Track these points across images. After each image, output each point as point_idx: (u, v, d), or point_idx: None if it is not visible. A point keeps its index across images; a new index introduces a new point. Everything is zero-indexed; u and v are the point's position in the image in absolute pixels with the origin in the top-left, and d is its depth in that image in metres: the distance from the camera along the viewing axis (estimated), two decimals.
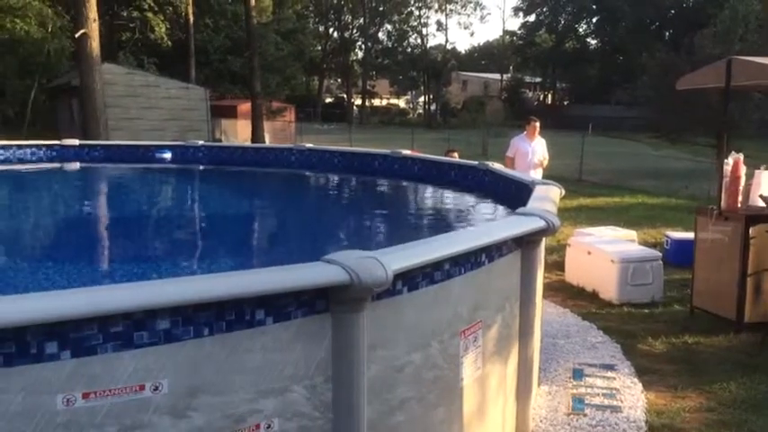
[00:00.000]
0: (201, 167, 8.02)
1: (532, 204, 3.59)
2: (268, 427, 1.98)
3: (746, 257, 5.12)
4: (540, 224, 3.18)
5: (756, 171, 5.44)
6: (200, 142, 8.56)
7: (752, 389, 4.07)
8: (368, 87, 55.06)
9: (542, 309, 4.49)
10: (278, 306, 1.99)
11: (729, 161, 5.39)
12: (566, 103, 51.54)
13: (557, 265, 7.09)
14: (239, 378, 1.92)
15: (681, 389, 4.07)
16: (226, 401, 1.90)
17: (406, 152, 7.18)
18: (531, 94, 54.79)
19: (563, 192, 4.40)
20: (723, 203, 5.35)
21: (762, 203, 5.16)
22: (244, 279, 1.94)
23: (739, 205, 5.36)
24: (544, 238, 3.84)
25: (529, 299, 3.39)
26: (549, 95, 55.64)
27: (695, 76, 6.12)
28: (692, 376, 4.28)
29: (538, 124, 8.47)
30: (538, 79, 54.77)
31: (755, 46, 19.31)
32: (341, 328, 2.13)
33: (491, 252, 2.92)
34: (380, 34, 56.99)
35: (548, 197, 3.91)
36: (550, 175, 15.05)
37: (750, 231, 5.12)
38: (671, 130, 20.57)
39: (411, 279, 2.41)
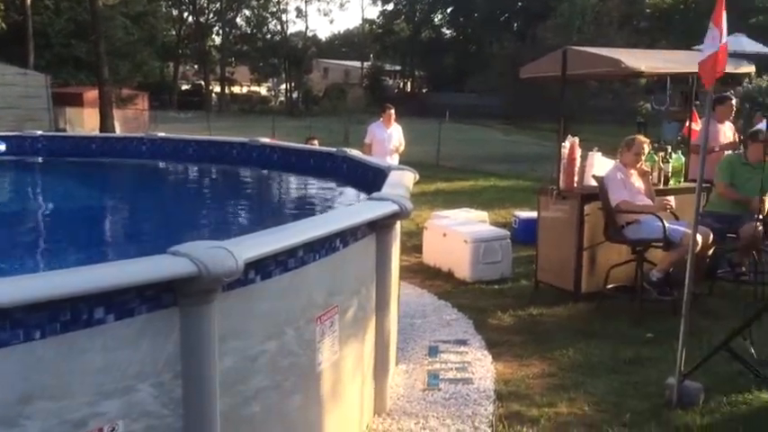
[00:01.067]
0: (41, 159, 7.45)
1: (386, 190, 3.69)
2: (112, 430, 1.90)
3: (582, 233, 5.57)
4: (393, 208, 3.28)
5: (589, 153, 5.91)
6: (39, 132, 7.95)
7: (587, 353, 4.46)
8: (227, 74, 53.55)
9: (399, 290, 4.64)
10: (119, 303, 1.91)
11: (566, 144, 5.81)
12: (424, 90, 53.03)
13: (415, 248, 7.33)
14: (78, 381, 1.83)
15: (526, 357, 4.38)
16: (63, 406, 1.80)
17: (265, 140, 7.10)
18: (391, 82, 55.84)
19: (417, 177, 4.55)
20: (561, 184, 5.78)
21: (594, 183, 5.62)
22: (78, 276, 1.84)
23: (575, 185, 5.81)
24: (399, 222, 3.96)
25: (384, 282, 3.49)
26: (409, 83, 56.97)
27: (536, 65, 6.53)
28: (536, 345, 4.61)
29: (393, 111, 8.74)
30: (398, 67, 55.92)
31: (591, 37, 20.91)
32: (190, 322, 2.09)
33: (345, 237, 2.97)
34: (239, 19, 55.57)
35: (401, 182, 4.03)
36: (410, 161, 15.33)
37: (585, 209, 5.57)
38: (519, 116, 21.84)
39: (264, 268, 2.40)
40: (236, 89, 57.73)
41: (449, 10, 49.85)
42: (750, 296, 5.50)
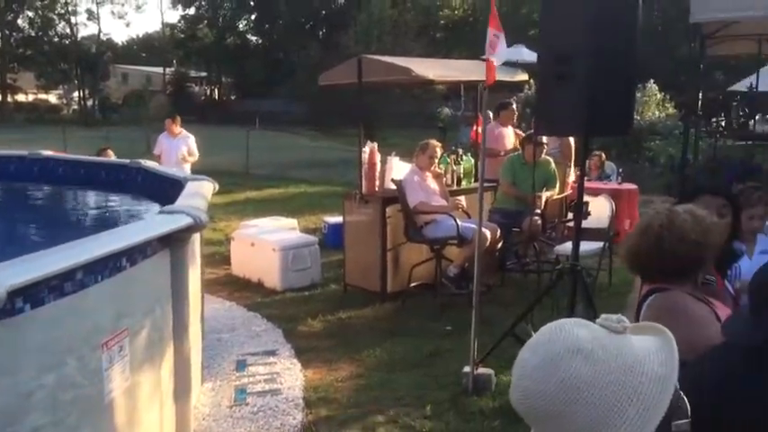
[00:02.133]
0: None
1: (181, 201, 3.54)
2: None
3: (385, 235, 5.78)
4: (187, 221, 3.15)
5: (388, 158, 6.15)
6: None
7: (392, 351, 4.63)
8: (8, 81, 48.38)
9: (204, 305, 4.48)
10: None
11: (366, 150, 6.00)
12: (233, 97, 51.89)
13: (224, 260, 7.14)
14: None
15: (335, 362, 4.44)
16: None
17: (48, 153, 6.49)
18: (197, 89, 53.97)
19: (216, 187, 4.43)
20: (363, 188, 5.96)
21: (394, 186, 5.85)
22: None
23: (377, 189, 6.01)
24: (199, 235, 3.81)
25: (182, 299, 3.34)
26: (216, 90, 55.45)
27: (333, 73, 6.66)
28: (345, 348, 4.70)
29: (178, 119, 8.74)
30: (203, 74, 54.18)
31: (390, 46, 21.82)
32: None
33: (133, 255, 2.80)
34: (21, 21, 50.43)
35: (198, 193, 3.89)
36: (218, 170, 14.91)
37: (386, 211, 5.79)
38: (326, 122, 22.19)
39: (34, 295, 2.18)
40: (20, 97, 52.31)
41: (253, 16, 49.29)
42: (534, 284, 6.05)
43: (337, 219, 7.96)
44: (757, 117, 19.80)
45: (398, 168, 6.04)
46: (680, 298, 2.10)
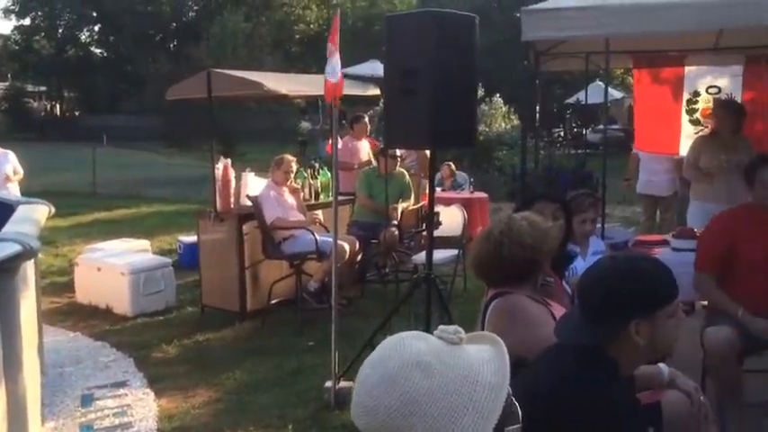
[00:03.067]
0: None
1: (9, 228, 3.23)
2: None
3: (243, 253, 5.64)
4: (15, 249, 2.88)
5: (243, 174, 6.01)
6: None
7: (253, 371, 4.51)
8: None
9: (42, 338, 4.14)
10: None
11: (220, 166, 5.83)
12: (77, 113, 48.68)
13: (67, 287, 6.63)
14: None
15: (191, 388, 4.25)
16: None
17: None
18: (36, 104, 50.09)
19: (52, 209, 4.11)
20: (218, 205, 5.78)
21: (250, 203, 5.73)
22: None
23: (233, 206, 5.85)
24: (32, 262, 3.51)
25: (12, 333, 3.04)
26: (58, 105, 51.77)
27: (182, 87, 6.43)
28: (202, 373, 4.51)
29: None
30: (42, 88, 50.39)
31: (245, 60, 21.49)
32: None
33: None
34: None
35: (29, 218, 3.59)
36: (63, 191, 13.89)
37: (243, 228, 5.65)
38: (181, 138, 21.41)
39: None
40: None
41: (96, 28, 46.62)
42: (394, 293, 6.16)
43: (193, 238, 7.67)
44: (600, 127, 21.59)
45: (254, 184, 5.92)
46: (519, 300, 2.21)
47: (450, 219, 6.27)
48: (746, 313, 3.21)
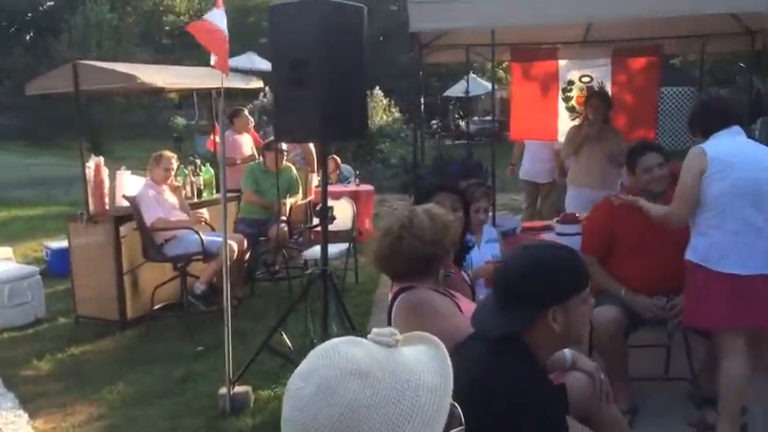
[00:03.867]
0: None
1: None
2: None
3: (120, 257, 5.27)
4: None
5: (117, 172, 5.62)
6: None
7: (138, 383, 4.23)
8: None
9: None
10: None
11: (91, 165, 5.42)
12: None
13: None
14: None
15: (70, 405, 3.91)
16: None
17: None
18: None
19: None
20: (91, 207, 5.37)
21: (127, 203, 5.37)
22: None
23: (107, 207, 5.46)
24: None
25: None
26: None
27: (44, 81, 5.90)
28: (81, 388, 4.17)
29: None
30: None
31: (113, 53, 20.30)
32: None
33: None
34: None
35: None
36: None
37: (120, 231, 5.29)
38: (44, 135, 19.92)
39: None
40: None
41: None
42: (286, 291, 6.02)
43: (62, 243, 7.12)
44: (476, 118, 22.32)
45: (130, 183, 5.56)
46: (425, 294, 2.17)
47: (340, 212, 6.20)
48: (629, 292, 3.39)
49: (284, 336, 4.24)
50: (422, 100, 5.82)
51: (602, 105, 5.22)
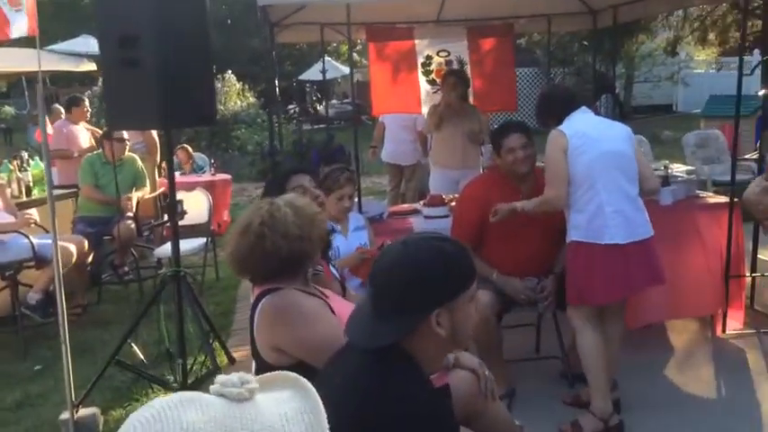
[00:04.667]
0: None
1: None
2: None
3: None
4: None
5: None
6: None
7: None
8: None
9: None
10: None
11: None
12: None
13: None
14: None
15: None
16: None
17: None
18: None
19: None
20: None
21: None
22: None
23: None
24: None
25: None
26: None
27: None
28: None
29: None
30: None
31: None
32: None
33: None
34: None
35: None
36: None
37: None
38: None
39: None
40: None
41: None
42: (137, 293, 5.51)
43: None
44: (333, 101, 22.08)
45: None
46: (292, 296, 1.92)
47: (195, 205, 5.76)
48: (500, 275, 3.33)
49: (135, 347, 3.82)
50: (276, 83, 5.49)
51: (459, 84, 5.18)
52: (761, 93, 8.49)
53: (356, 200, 3.56)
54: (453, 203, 4.10)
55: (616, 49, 11.32)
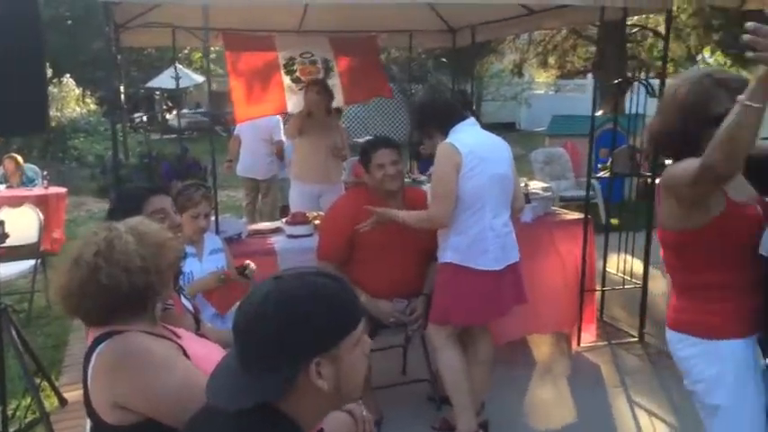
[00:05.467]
0: None
1: None
2: None
3: None
4: None
5: None
6: None
7: None
8: None
9: None
10: None
11: None
12: None
13: None
14: None
15: None
16: None
17: None
18: None
19: None
20: None
21: None
22: None
23: None
24: None
25: None
26: None
27: None
28: None
29: None
30: None
31: None
32: None
33: None
34: None
35: None
36: None
37: None
38: None
39: None
40: None
41: None
42: None
43: None
44: (185, 111, 21.01)
45: None
46: (137, 341, 1.61)
47: (22, 223, 5.11)
48: (369, 298, 3.17)
49: None
50: (121, 89, 5.00)
51: (323, 97, 5.00)
52: (599, 113, 9.13)
53: (213, 218, 3.25)
54: (317, 221, 3.89)
55: (473, 68, 11.73)
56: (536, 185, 4.77)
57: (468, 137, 2.96)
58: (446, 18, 5.86)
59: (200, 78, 18.32)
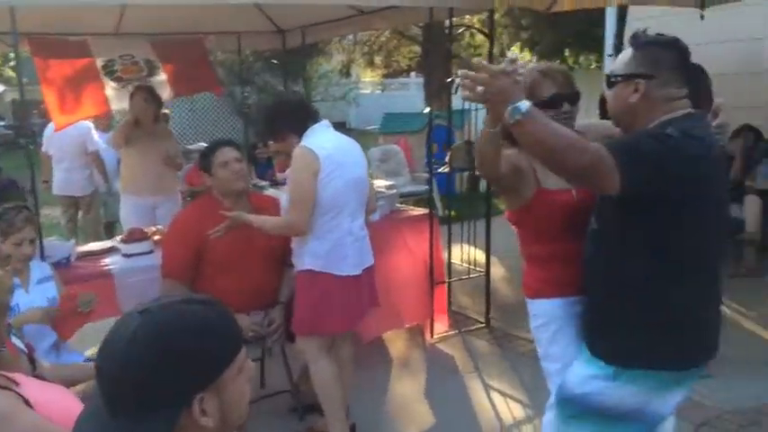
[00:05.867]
0: None
1: None
2: None
3: None
4: None
5: None
6: None
7: None
8: None
9: None
10: None
11: None
12: None
13: None
14: None
15: None
16: None
17: None
18: None
19: None
20: None
21: None
22: None
23: None
24: None
25: None
26: None
27: None
28: None
29: None
30: None
31: None
32: None
33: None
34: None
35: None
36: None
37: None
38: None
39: None
40: None
41: None
42: None
43: None
44: None
45: None
46: None
47: None
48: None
49: None
50: None
51: (150, 104, 4.70)
52: (426, 110, 9.48)
53: (38, 243, 2.90)
54: (157, 236, 3.63)
55: (304, 69, 11.67)
56: (380, 184, 4.83)
57: (324, 140, 2.89)
58: (275, 19, 5.75)
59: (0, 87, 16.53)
